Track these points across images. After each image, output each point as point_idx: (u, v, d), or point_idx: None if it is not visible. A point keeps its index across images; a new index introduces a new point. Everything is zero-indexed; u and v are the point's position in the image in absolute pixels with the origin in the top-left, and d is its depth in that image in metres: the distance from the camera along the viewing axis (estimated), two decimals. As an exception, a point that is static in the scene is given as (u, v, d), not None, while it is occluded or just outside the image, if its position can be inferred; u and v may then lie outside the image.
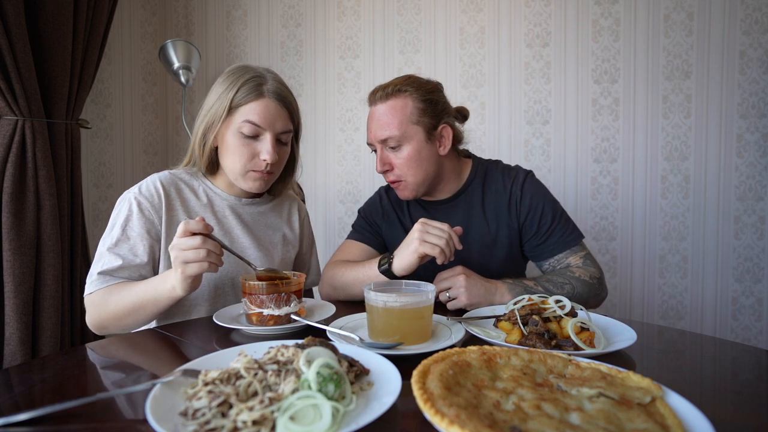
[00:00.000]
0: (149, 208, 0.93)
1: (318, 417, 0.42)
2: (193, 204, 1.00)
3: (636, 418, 0.41)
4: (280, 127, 0.96)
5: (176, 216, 0.97)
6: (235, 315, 0.86)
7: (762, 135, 1.94)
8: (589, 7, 2.02)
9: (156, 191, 0.95)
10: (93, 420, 0.48)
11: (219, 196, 1.04)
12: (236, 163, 0.96)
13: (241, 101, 0.94)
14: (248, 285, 0.79)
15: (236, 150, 0.95)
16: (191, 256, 0.77)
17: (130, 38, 2.13)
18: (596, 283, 1.01)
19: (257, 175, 0.97)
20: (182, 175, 1.03)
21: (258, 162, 0.96)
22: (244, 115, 0.93)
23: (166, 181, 0.98)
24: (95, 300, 0.88)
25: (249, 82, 0.94)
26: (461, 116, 1.14)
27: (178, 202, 0.98)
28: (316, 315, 0.85)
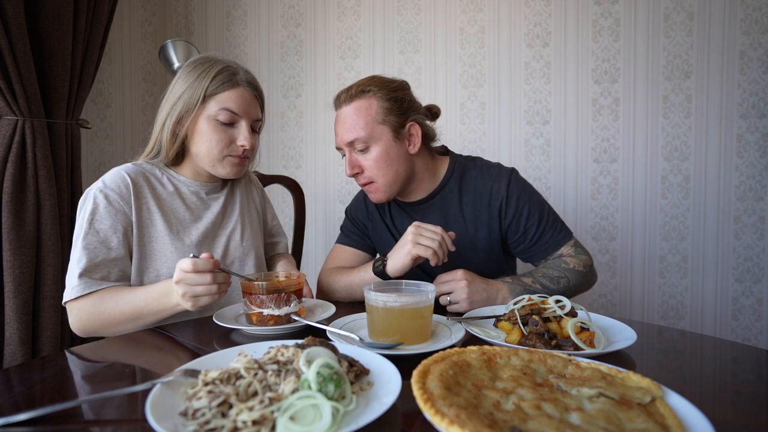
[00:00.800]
0: (118, 199, 0.92)
1: (318, 417, 0.42)
2: (161, 191, 0.99)
3: (636, 418, 0.41)
4: (254, 114, 1.00)
5: (146, 205, 0.96)
6: (235, 315, 0.85)
7: (762, 135, 1.94)
8: (589, 7, 2.02)
9: (123, 182, 0.93)
10: (93, 420, 0.48)
11: (184, 183, 1.04)
12: (213, 150, 0.97)
13: (216, 90, 0.95)
14: (248, 285, 0.79)
15: (212, 137, 0.96)
16: (202, 291, 0.77)
17: (130, 38, 2.13)
18: (588, 271, 1.03)
19: (235, 160, 0.99)
20: (145, 165, 1.01)
21: (235, 147, 0.98)
22: (221, 103, 0.95)
23: (131, 171, 0.96)
24: (84, 306, 0.86)
25: (223, 72, 0.96)
26: (431, 114, 1.11)
27: (146, 190, 0.96)
28: (316, 315, 0.85)
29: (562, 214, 2.08)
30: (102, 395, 0.51)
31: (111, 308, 0.84)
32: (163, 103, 1.00)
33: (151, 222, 0.96)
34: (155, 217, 0.96)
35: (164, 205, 0.98)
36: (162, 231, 0.96)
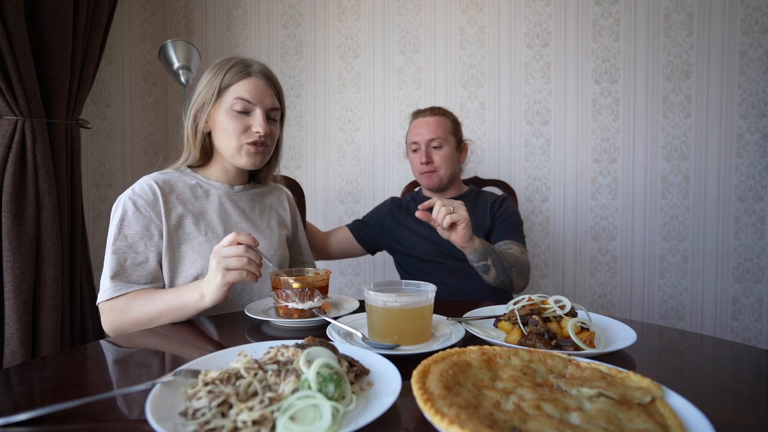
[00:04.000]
0: (145, 206, 0.95)
1: (318, 417, 0.42)
2: (188, 196, 1.02)
3: (636, 418, 0.41)
4: (269, 103, 1.03)
5: (174, 209, 0.98)
6: (264, 308, 0.91)
7: (762, 135, 1.94)
8: (589, 7, 2.02)
9: (150, 189, 0.97)
10: (93, 420, 0.48)
11: (212, 186, 1.07)
12: (231, 140, 1.00)
13: (230, 82, 1.00)
14: (276, 279, 0.84)
15: (229, 126, 0.99)
16: (233, 263, 0.81)
17: (130, 38, 2.13)
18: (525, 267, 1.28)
19: (252, 149, 1.01)
20: (172, 173, 1.05)
21: (251, 134, 1.01)
22: (235, 93, 0.99)
23: (159, 178, 1.00)
24: (115, 306, 0.89)
25: (236, 65, 1.01)
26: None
27: (173, 196, 1.00)
28: (341, 310, 0.89)
29: (562, 214, 2.08)
30: (102, 395, 0.51)
31: (140, 308, 0.88)
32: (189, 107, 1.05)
33: (181, 225, 0.98)
34: (184, 221, 0.99)
35: (192, 207, 1.01)
36: (191, 233, 0.99)
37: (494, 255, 1.18)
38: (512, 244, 1.32)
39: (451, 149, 1.43)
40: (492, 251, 1.18)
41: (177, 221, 0.98)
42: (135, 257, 0.93)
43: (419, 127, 1.43)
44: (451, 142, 1.43)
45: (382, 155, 2.20)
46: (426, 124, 1.43)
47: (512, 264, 1.22)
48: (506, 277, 1.22)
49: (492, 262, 1.18)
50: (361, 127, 2.21)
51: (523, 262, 1.27)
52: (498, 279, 1.21)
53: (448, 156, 1.42)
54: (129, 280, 0.92)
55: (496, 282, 1.22)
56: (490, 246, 1.19)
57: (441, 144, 1.41)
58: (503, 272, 1.20)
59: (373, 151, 2.21)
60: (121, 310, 0.89)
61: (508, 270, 1.21)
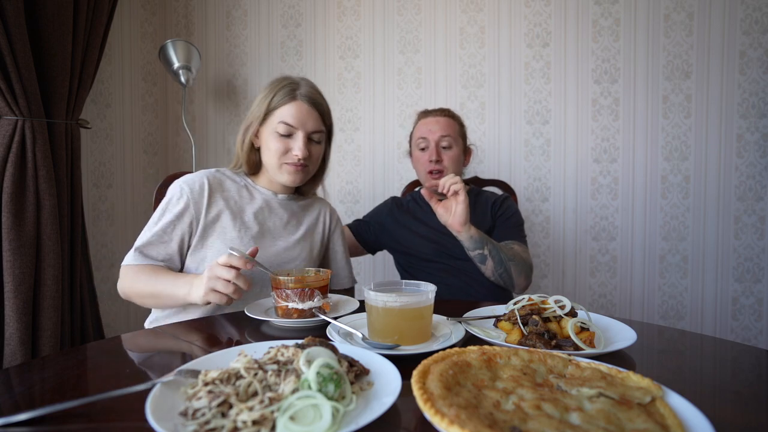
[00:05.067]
0: (189, 194, 1.04)
1: (318, 417, 0.42)
2: (233, 194, 1.10)
3: (636, 418, 0.41)
4: (311, 126, 1.08)
5: (216, 205, 1.06)
6: (265, 308, 0.91)
7: (762, 135, 1.94)
8: (589, 7, 2.02)
9: (199, 182, 1.06)
10: (93, 420, 0.48)
11: (258, 191, 1.15)
12: (272, 158, 1.08)
13: (277, 105, 1.07)
14: (276, 280, 0.84)
15: (272, 147, 1.07)
16: (220, 287, 0.84)
17: (130, 38, 2.13)
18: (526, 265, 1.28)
19: (291, 168, 1.08)
20: (227, 172, 1.15)
21: (291, 156, 1.08)
22: (279, 117, 1.06)
23: (211, 174, 1.10)
24: (128, 273, 1.00)
25: (284, 88, 1.08)
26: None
27: (219, 193, 1.08)
28: (341, 310, 0.89)
29: (562, 214, 2.08)
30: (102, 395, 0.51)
31: (143, 282, 0.97)
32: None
33: (218, 219, 1.05)
34: (222, 215, 1.06)
35: (233, 205, 1.09)
36: (226, 228, 1.05)
37: (491, 245, 1.19)
38: (514, 244, 1.33)
39: (459, 151, 1.44)
40: (489, 241, 1.20)
41: (215, 215, 1.05)
42: (162, 237, 1.02)
43: (429, 125, 1.43)
44: (459, 144, 1.44)
45: (382, 155, 2.20)
46: (437, 122, 1.43)
47: (511, 257, 1.22)
48: (504, 271, 1.22)
49: (489, 252, 1.19)
50: (361, 127, 2.21)
51: (524, 259, 1.27)
52: (496, 272, 1.22)
53: (456, 158, 1.42)
54: (149, 254, 1.01)
55: (495, 275, 1.23)
56: (486, 236, 1.20)
57: (451, 144, 1.41)
58: (501, 264, 1.21)
59: (373, 151, 2.21)
60: (131, 278, 0.99)
61: (506, 263, 1.21)
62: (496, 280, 1.25)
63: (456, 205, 1.16)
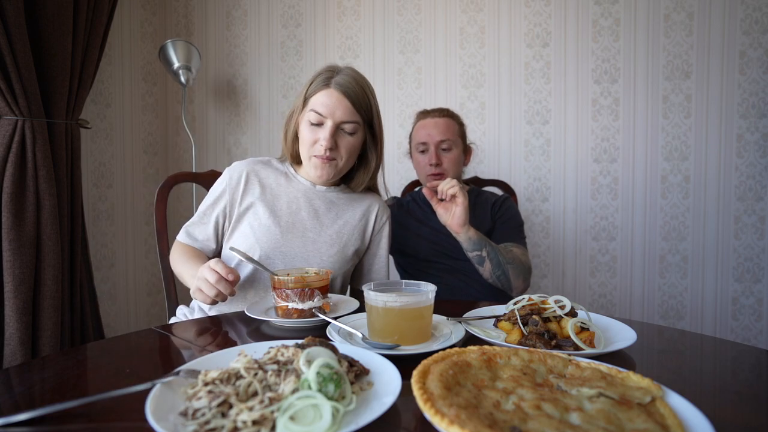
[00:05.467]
0: (228, 180, 1.08)
1: (318, 417, 0.42)
2: (271, 181, 1.11)
3: (636, 418, 0.41)
4: (339, 116, 1.01)
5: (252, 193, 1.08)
6: (265, 308, 0.91)
7: (762, 135, 1.94)
8: (589, 7, 2.02)
9: (240, 169, 1.09)
10: (93, 420, 0.48)
11: (298, 180, 1.13)
12: (303, 150, 1.06)
13: (312, 92, 1.03)
14: (276, 279, 0.84)
15: (304, 137, 1.05)
16: (204, 288, 0.87)
17: (130, 38, 2.13)
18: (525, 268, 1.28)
19: (318, 161, 1.04)
20: (272, 161, 1.16)
21: (317, 147, 1.03)
22: (312, 105, 1.02)
23: (254, 162, 1.13)
24: (175, 250, 1.09)
25: (322, 75, 1.03)
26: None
27: (256, 180, 1.10)
28: (341, 310, 0.88)
29: (562, 214, 2.08)
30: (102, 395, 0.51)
31: (176, 261, 1.07)
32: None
33: (251, 206, 1.07)
34: (256, 202, 1.07)
35: (268, 193, 1.09)
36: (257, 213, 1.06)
37: (489, 247, 1.20)
38: (513, 246, 1.32)
39: (459, 152, 1.44)
40: (487, 243, 1.20)
41: (249, 204, 1.08)
42: (202, 218, 1.09)
43: (428, 128, 1.42)
44: (459, 145, 1.43)
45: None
46: (435, 125, 1.42)
47: (509, 260, 1.22)
48: (502, 273, 1.22)
49: (487, 254, 1.19)
50: (361, 127, 2.21)
51: (522, 262, 1.27)
52: (494, 274, 1.22)
53: (455, 159, 1.42)
54: (192, 234, 1.09)
55: (493, 278, 1.23)
56: (486, 239, 1.21)
57: (450, 146, 1.41)
58: (499, 267, 1.21)
59: (373, 151, 2.21)
60: (173, 255, 1.09)
61: (504, 266, 1.21)
62: (493, 282, 1.25)
63: (455, 207, 1.16)
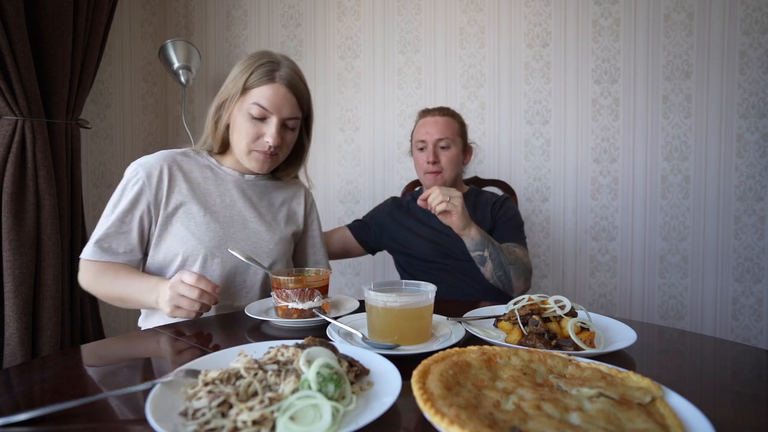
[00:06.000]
0: (145, 178, 0.97)
1: (318, 417, 0.42)
2: (197, 176, 1.04)
3: (636, 418, 0.41)
4: (286, 112, 1.01)
5: (178, 190, 1.00)
6: (265, 308, 0.91)
7: (762, 135, 1.94)
8: (589, 7, 2.02)
9: (158, 165, 0.99)
10: (93, 420, 0.48)
11: (224, 171, 1.09)
12: (241, 142, 1.01)
13: (254, 84, 0.98)
14: (276, 280, 0.84)
15: (243, 129, 1.00)
16: (185, 304, 0.82)
17: (130, 38, 2.13)
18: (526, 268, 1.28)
19: (260, 156, 1.02)
20: (189, 152, 1.08)
21: (261, 143, 1.01)
22: (254, 97, 0.98)
23: (169, 157, 1.03)
24: (89, 269, 0.95)
25: (263, 66, 0.99)
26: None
27: (180, 176, 1.01)
28: (341, 310, 0.89)
29: (562, 214, 2.08)
30: (102, 395, 0.51)
31: (106, 284, 0.93)
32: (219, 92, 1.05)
33: (181, 205, 1.00)
34: (185, 200, 1.00)
35: (197, 189, 1.02)
36: (190, 213, 1.00)
37: (492, 248, 1.20)
38: (515, 247, 1.33)
39: (458, 151, 1.43)
40: (490, 243, 1.20)
41: (178, 203, 0.99)
42: (120, 227, 0.96)
43: (428, 126, 1.43)
44: (458, 144, 1.43)
45: (382, 155, 2.20)
46: (435, 123, 1.43)
47: (511, 261, 1.22)
48: (503, 274, 1.22)
49: (489, 255, 1.19)
50: (361, 127, 2.21)
51: (524, 263, 1.27)
52: (495, 274, 1.22)
53: (454, 158, 1.42)
54: (109, 247, 0.95)
55: (494, 278, 1.23)
56: (489, 238, 1.20)
57: (448, 145, 1.41)
58: (500, 267, 1.21)
59: (373, 151, 2.21)
60: (93, 276, 0.94)
61: (506, 266, 1.21)
62: (494, 283, 1.25)
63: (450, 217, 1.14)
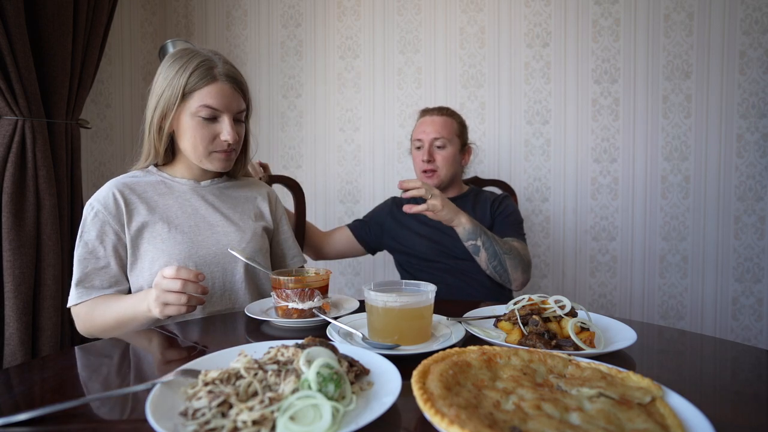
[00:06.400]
0: (103, 211, 0.96)
1: (318, 417, 0.42)
2: (151, 194, 1.01)
3: (636, 418, 0.41)
4: (235, 107, 1.00)
5: (138, 214, 0.98)
6: (264, 308, 0.91)
7: (762, 135, 1.94)
8: (589, 7, 2.02)
9: (113, 197, 0.97)
10: (93, 420, 0.48)
11: (177, 182, 1.05)
12: (198, 146, 0.99)
13: (195, 86, 0.95)
14: (276, 280, 0.84)
15: (196, 133, 0.97)
16: (172, 299, 0.80)
17: (130, 38, 2.13)
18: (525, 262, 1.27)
19: (221, 155, 1.01)
20: (136, 173, 1.05)
21: (219, 143, 1.00)
22: (200, 99, 0.95)
23: (120, 184, 1.00)
24: (80, 313, 0.94)
25: (200, 67, 0.96)
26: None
27: (135, 199, 0.99)
28: (341, 310, 0.89)
29: (562, 214, 2.08)
30: (102, 395, 0.51)
31: (99, 316, 0.91)
32: (148, 101, 1.01)
33: (145, 226, 0.98)
34: (148, 221, 0.98)
35: (156, 207, 1.00)
36: (155, 232, 0.97)
37: (485, 237, 1.21)
38: (513, 240, 1.33)
39: (454, 150, 1.45)
40: (483, 233, 1.21)
41: (140, 225, 0.97)
42: (96, 262, 0.95)
43: (425, 125, 1.45)
44: (455, 144, 1.44)
45: (382, 155, 2.20)
46: (432, 123, 1.45)
47: (506, 251, 1.23)
48: (499, 264, 1.22)
49: (482, 244, 1.20)
50: (361, 127, 2.21)
51: (520, 254, 1.27)
52: (490, 264, 1.22)
53: (450, 157, 1.43)
54: (92, 285, 0.94)
55: (489, 268, 1.23)
56: (482, 228, 1.22)
57: (444, 144, 1.42)
58: (495, 257, 1.21)
59: (373, 151, 2.21)
60: (85, 317, 0.93)
61: (501, 255, 1.21)
62: (491, 274, 1.25)
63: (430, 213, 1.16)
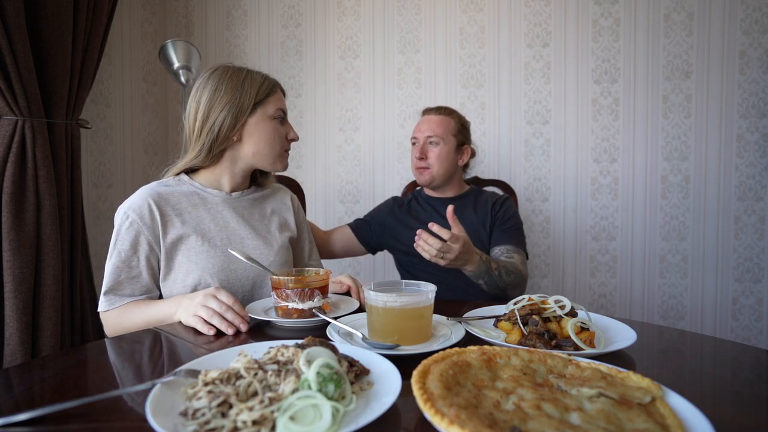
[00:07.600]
0: (139, 222, 0.96)
1: (318, 417, 0.42)
2: (185, 206, 1.02)
3: (636, 418, 0.41)
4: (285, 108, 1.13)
5: (172, 225, 0.99)
6: (264, 308, 0.91)
7: (762, 135, 1.94)
8: (589, 7, 2.02)
9: (147, 207, 0.97)
10: (93, 420, 0.48)
11: (210, 193, 1.06)
12: (275, 146, 1.07)
13: (262, 98, 1.05)
14: (276, 280, 0.84)
15: (275, 134, 1.07)
16: (203, 313, 0.82)
17: (130, 38, 2.13)
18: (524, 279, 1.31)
19: (287, 154, 1.12)
20: (168, 182, 1.05)
21: (287, 142, 1.11)
22: (275, 104, 1.06)
23: (153, 193, 1.00)
24: (110, 319, 0.96)
25: (266, 81, 1.07)
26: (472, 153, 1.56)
27: (170, 209, 0.99)
28: (341, 310, 0.89)
29: (562, 214, 2.08)
30: (102, 395, 0.51)
31: (130, 320, 0.94)
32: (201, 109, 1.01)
33: (179, 239, 0.99)
34: (182, 233, 0.99)
35: (189, 218, 1.01)
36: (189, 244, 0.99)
37: (487, 277, 1.20)
38: (514, 253, 1.34)
39: (449, 148, 1.45)
40: (485, 273, 1.19)
41: (176, 238, 0.98)
42: (129, 272, 0.96)
43: (422, 124, 1.48)
44: (449, 142, 1.45)
45: (382, 155, 2.20)
46: (428, 121, 1.47)
47: (508, 283, 1.24)
48: (500, 291, 1.25)
49: (485, 282, 1.21)
50: (361, 127, 2.21)
51: (521, 276, 1.28)
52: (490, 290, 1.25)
53: (443, 154, 1.44)
54: (123, 293, 0.96)
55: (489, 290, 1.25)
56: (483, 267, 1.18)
57: (438, 142, 1.44)
58: (496, 288, 1.23)
59: (373, 151, 2.21)
60: (115, 322, 0.95)
61: (502, 286, 1.24)
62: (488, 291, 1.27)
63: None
